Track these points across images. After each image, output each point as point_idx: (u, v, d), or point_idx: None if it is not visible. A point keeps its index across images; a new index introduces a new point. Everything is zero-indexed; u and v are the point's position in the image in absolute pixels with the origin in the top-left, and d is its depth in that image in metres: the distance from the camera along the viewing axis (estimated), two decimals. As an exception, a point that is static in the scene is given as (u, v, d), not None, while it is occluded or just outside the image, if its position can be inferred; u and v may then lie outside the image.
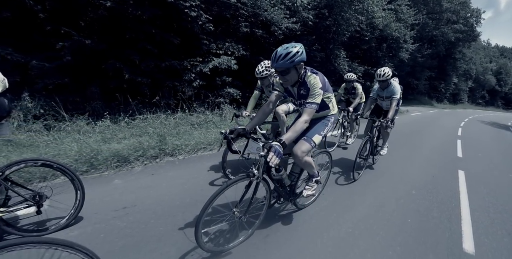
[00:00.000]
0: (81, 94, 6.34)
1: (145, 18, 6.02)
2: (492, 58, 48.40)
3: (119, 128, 5.00)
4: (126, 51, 6.20)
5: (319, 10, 10.16)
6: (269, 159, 1.59)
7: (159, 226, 2.28)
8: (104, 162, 3.42)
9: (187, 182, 3.22)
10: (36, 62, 5.66)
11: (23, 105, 5.39)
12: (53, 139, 4.33)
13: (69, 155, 3.40)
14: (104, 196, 2.74)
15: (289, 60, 1.81)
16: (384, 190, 3.45)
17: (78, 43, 5.59)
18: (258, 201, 2.17)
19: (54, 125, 5.12)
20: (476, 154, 6.20)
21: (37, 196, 2.01)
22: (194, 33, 7.07)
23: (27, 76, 5.80)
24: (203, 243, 1.80)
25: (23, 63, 5.60)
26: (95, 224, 2.26)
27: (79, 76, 6.22)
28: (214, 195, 1.71)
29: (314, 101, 1.95)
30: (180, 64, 6.85)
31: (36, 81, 5.86)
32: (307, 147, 2.09)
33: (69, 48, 5.64)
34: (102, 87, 6.48)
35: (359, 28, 11.81)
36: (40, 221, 2.13)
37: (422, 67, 26.64)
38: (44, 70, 5.77)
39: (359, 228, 2.49)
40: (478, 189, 3.77)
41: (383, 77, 3.64)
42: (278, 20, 8.19)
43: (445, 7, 26.17)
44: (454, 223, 2.74)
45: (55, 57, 5.78)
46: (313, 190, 2.35)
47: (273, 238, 2.21)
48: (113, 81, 6.35)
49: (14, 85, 5.37)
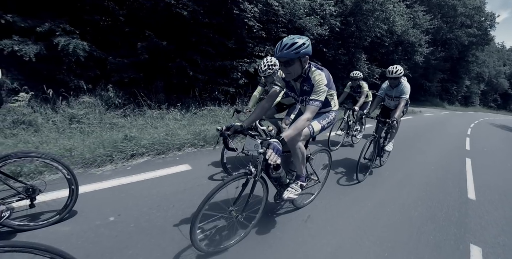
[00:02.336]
0: (148, 88, 7.62)
1: (209, 25, 7.25)
2: (506, 61, 47.86)
3: (193, 117, 6.23)
4: (189, 52, 7.43)
5: (345, 18, 11.24)
6: (268, 156, 1.53)
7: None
8: (212, 139, 4.47)
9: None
10: (112, 58, 6.87)
11: (105, 96, 6.56)
12: (145, 123, 5.56)
13: (180, 134, 4.53)
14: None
15: (294, 51, 1.74)
16: (410, 165, 4.62)
17: (154, 44, 6.84)
18: (256, 200, 2.06)
19: (139, 112, 6.36)
20: (482, 148, 7.27)
21: (30, 189, 1.99)
22: (242, 37, 8.27)
23: (104, 70, 7.03)
24: (198, 243, 1.75)
25: (103, 59, 6.79)
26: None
27: (149, 72, 7.49)
28: (210, 193, 1.67)
29: (318, 99, 1.88)
30: (231, 64, 8.07)
31: (112, 75, 7.07)
32: (306, 131, 2.04)
33: (145, 48, 6.89)
34: (165, 82, 7.75)
35: (379, 34, 12.83)
36: (33, 214, 2.09)
37: (434, 69, 27.22)
38: (119, 66, 6.99)
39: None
40: (480, 170, 4.91)
41: (394, 74, 3.54)
42: (311, 27, 9.32)
43: (459, 11, 26.72)
44: (462, 185, 3.93)
45: (130, 55, 6.99)
46: (295, 194, 2.17)
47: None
48: (176, 77, 7.61)
49: (94, 78, 6.68)
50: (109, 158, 3.30)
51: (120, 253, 1.85)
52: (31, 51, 5.25)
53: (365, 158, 3.60)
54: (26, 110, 4.77)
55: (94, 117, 5.02)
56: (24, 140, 3.74)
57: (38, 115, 4.71)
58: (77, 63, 6.16)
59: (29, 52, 5.21)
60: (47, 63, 5.76)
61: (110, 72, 7.06)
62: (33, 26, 5.40)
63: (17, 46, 5.14)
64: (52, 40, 5.51)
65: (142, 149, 3.57)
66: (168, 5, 6.48)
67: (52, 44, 5.49)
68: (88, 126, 4.73)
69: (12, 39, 5.15)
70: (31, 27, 5.39)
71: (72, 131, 4.51)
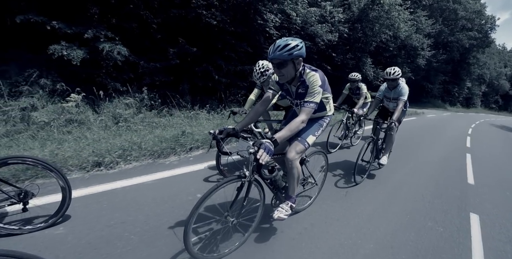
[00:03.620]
0: (175, 90, 8.34)
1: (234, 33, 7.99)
2: (507, 63, 48.35)
3: (220, 117, 6.93)
4: (214, 57, 8.16)
5: (352, 24, 11.98)
6: (259, 156, 1.52)
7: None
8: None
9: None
10: (144, 62, 7.55)
11: (139, 97, 7.24)
12: (182, 122, 6.26)
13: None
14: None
15: (287, 52, 1.75)
16: (417, 159, 5.30)
17: (185, 50, 7.57)
18: (252, 204, 2.01)
19: (171, 112, 7.07)
20: (481, 145, 7.94)
21: (22, 194, 1.99)
22: (260, 43, 9.01)
23: (136, 73, 7.71)
24: (193, 249, 1.70)
25: (136, 63, 7.43)
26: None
27: (177, 75, 8.22)
28: (203, 197, 1.64)
29: (313, 100, 1.86)
30: (250, 68, 8.79)
31: (144, 78, 7.75)
32: (301, 148, 2.04)
33: (176, 53, 7.61)
34: (191, 85, 8.47)
35: (385, 39, 13.57)
36: (26, 218, 2.10)
37: (436, 71, 27.90)
38: (151, 69, 7.68)
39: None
40: (479, 162, 5.58)
41: (392, 76, 3.56)
42: (322, 33, 10.05)
43: (460, 15, 27.49)
44: (463, 174, 4.62)
45: (160, 59, 7.67)
46: (285, 214, 2.08)
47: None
48: (201, 80, 8.33)
49: (128, 80, 7.37)
50: (172, 151, 3.99)
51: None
52: (78, 56, 5.77)
53: (363, 160, 3.64)
54: (75, 110, 5.43)
55: (138, 117, 5.70)
56: (82, 136, 4.33)
57: (89, 115, 5.39)
58: (114, 67, 6.83)
59: (76, 56, 5.73)
60: (85, 66, 6.25)
61: (142, 75, 7.77)
62: (77, 32, 5.91)
63: (65, 51, 5.64)
64: (97, 46, 6.12)
65: (197, 143, 4.26)
66: (199, 15, 7.21)
67: (96, 49, 6.07)
68: (134, 125, 5.42)
69: (60, 45, 5.64)
70: (75, 33, 5.91)
71: (119, 129, 5.17)
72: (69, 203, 2.16)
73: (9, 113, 4.87)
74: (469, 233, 2.65)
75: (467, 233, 2.64)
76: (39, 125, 4.84)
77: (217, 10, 7.35)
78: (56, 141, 4.00)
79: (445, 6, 26.64)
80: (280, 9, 8.35)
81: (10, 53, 5.80)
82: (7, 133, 4.47)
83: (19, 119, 4.90)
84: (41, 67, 5.78)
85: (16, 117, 4.89)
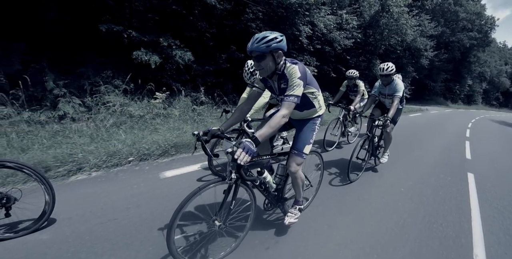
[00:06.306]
0: (221, 89, 9.76)
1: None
2: (507, 60, 49.19)
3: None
4: (254, 62, 9.60)
5: (364, 29, 13.42)
6: (237, 156, 1.43)
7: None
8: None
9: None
10: (197, 66, 8.85)
11: (194, 96, 8.64)
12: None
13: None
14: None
15: (265, 44, 1.69)
16: (423, 146, 6.73)
17: (234, 55, 9.01)
18: (242, 211, 1.93)
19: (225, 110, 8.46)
20: (479, 136, 9.33)
21: (4, 198, 1.96)
22: (288, 49, 10.45)
23: (190, 75, 9.05)
24: (178, 254, 1.63)
25: (190, 66, 8.70)
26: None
27: (223, 77, 9.65)
28: (184, 201, 1.57)
29: (293, 93, 1.74)
30: (280, 71, 10.26)
31: (197, 79, 9.07)
32: (300, 160, 2.05)
33: (226, 58, 9.04)
34: (233, 85, 9.93)
35: (393, 43, 15.03)
36: (10, 223, 2.07)
37: (438, 70, 29.18)
38: (204, 72, 9.05)
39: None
40: (475, 146, 7.02)
41: (386, 72, 3.49)
42: (339, 39, 11.50)
43: (461, 16, 28.84)
44: (462, 153, 6.07)
45: (210, 63, 9.01)
46: (295, 218, 2.18)
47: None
48: (242, 81, 9.75)
49: (185, 81, 8.77)
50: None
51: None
52: (155, 60, 7.12)
53: (358, 157, 3.61)
54: (160, 105, 6.84)
55: (209, 112, 7.15)
56: (174, 127, 5.60)
57: (174, 109, 6.81)
58: (176, 70, 8.22)
59: (153, 61, 7.10)
60: (151, 69, 7.39)
61: (195, 77, 9.15)
62: (150, 40, 7.20)
63: (145, 56, 7.00)
64: (168, 52, 7.46)
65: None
66: (247, 26, 8.66)
67: (168, 55, 7.42)
68: (208, 118, 6.86)
69: (140, 51, 6.98)
70: (149, 41, 7.20)
71: (196, 122, 6.60)
72: (53, 205, 2.14)
73: (112, 108, 6.29)
74: (467, 183, 4.10)
75: (466, 182, 4.11)
76: (136, 118, 6.28)
77: (261, 22, 8.80)
78: (151, 130, 5.11)
79: (447, 9, 28.01)
80: (310, 21, 9.81)
81: (84, 56, 6.94)
82: (114, 123, 5.91)
83: (119, 113, 6.30)
84: (111, 69, 6.97)
85: (117, 111, 6.30)
